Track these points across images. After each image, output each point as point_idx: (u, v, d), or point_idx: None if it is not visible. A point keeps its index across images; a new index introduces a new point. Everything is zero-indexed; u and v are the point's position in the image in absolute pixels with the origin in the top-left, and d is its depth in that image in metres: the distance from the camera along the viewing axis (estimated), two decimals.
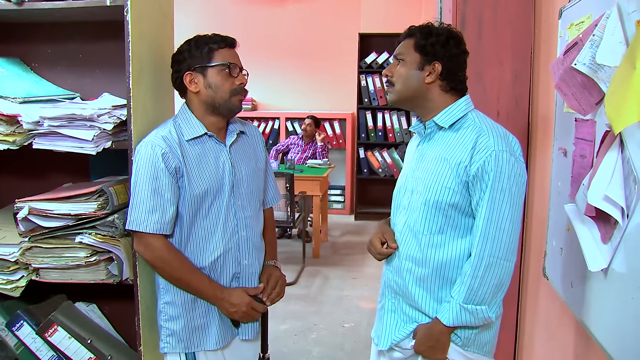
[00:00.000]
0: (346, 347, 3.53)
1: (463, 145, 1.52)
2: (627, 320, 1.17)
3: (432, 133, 1.62)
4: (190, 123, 1.73)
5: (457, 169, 1.51)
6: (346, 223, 6.89)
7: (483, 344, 1.59)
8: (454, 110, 1.58)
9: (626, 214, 1.15)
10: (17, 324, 1.90)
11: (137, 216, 1.65)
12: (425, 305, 1.59)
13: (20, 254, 1.78)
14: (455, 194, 1.52)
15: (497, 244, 1.48)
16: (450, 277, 1.56)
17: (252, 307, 1.76)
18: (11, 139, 1.73)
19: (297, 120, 7.21)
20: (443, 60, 1.57)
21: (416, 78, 1.59)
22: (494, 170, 1.47)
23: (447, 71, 1.57)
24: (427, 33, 1.58)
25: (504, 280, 1.51)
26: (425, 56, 1.57)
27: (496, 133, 1.52)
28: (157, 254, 1.67)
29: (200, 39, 1.72)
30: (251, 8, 7.43)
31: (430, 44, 1.57)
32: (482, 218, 1.48)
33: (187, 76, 1.71)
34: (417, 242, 1.59)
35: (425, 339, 1.57)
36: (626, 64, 1.10)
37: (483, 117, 1.58)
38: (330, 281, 4.81)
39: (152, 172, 1.64)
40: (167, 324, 1.75)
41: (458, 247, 1.55)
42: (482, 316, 1.51)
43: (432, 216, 1.56)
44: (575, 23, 1.57)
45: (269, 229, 1.97)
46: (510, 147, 1.50)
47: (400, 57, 1.61)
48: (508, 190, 1.47)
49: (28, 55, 2.09)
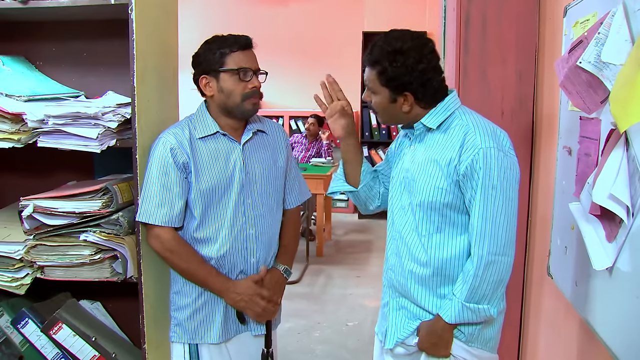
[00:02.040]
0: (350, 346, 3.53)
1: (451, 145, 1.53)
2: (632, 319, 1.17)
3: (422, 134, 1.62)
4: (205, 121, 1.76)
5: (447, 169, 1.52)
6: (350, 221, 6.89)
7: (487, 340, 1.60)
8: (440, 111, 1.58)
9: (631, 212, 1.15)
10: (22, 321, 1.91)
11: (147, 209, 1.70)
12: (427, 302, 1.60)
13: (25, 251, 1.78)
14: (448, 193, 1.53)
15: (495, 241, 1.48)
16: (451, 274, 1.57)
17: (257, 293, 1.76)
18: (16, 137, 1.74)
19: (301, 118, 7.21)
20: (412, 88, 1.54)
21: (393, 109, 1.59)
22: (483, 168, 1.47)
23: (421, 94, 1.55)
24: (387, 63, 1.52)
25: (504, 276, 1.52)
26: (394, 90, 1.55)
27: (483, 130, 1.51)
28: (166, 245, 1.72)
29: (214, 42, 1.73)
30: (255, 7, 7.44)
31: (394, 76, 1.52)
32: (477, 216, 1.49)
33: (202, 79, 1.74)
34: (420, 242, 1.59)
35: (428, 335, 1.58)
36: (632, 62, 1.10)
37: (470, 114, 1.58)
38: (334, 279, 4.81)
39: (161, 167, 1.69)
40: (175, 314, 1.82)
41: (458, 244, 1.56)
42: (484, 314, 1.52)
43: (429, 217, 1.57)
44: (581, 21, 1.56)
45: (288, 231, 1.95)
46: (498, 143, 1.50)
47: (370, 89, 1.60)
48: (499, 186, 1.47)
49: (33, 54, 2.10)
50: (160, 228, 1.71)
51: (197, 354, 1.80)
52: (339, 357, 3.41)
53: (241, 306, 1.78)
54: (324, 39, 7.35)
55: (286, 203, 1.95)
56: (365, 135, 7.00)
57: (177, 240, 1.73)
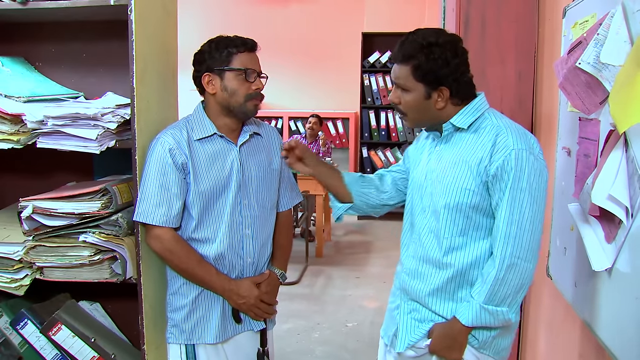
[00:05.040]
0: (349, 347, 3.53)
1: (482, 145, 1.49)
2: (631, 320, 1.17)
3: (450, 135, 1.57)
4: (202, 123, 1.77)
5: (477, 169, 1.48)
6: (349, 222, 6.88)
7: (500, 349, 1.56)
8: (470, 111, 1.54)
9: (630, 213, 1.15)
10: (21, 322, 1.90)
11: (145, 209, 1.70)
12: (442, 308, 1.56)
13: (25, 252, 1.78)
14: (476, 195, 1.49)
15: (519, 245, 1.44)
16: (470, 279, 1.54)
17: (260, 299, 1.80)
18: (15, 138, 1.74)
19: (300, 119, 7.21)
20: (449, 82, 1.50)
21: (427, 106, 1.53)
22: (514, 169, 1.43)
23: (455, 89, 1.51)
24: (424, 57, 1.48)
25: (525, 282, 1.47)
26: (430, 85, 1.50)
27: (515, 132, 1.48)
28: (165, 245, 1.72)
29: (222, 41, 1.74)
30: (254, 7, 7.44)
31: (430, 69, 1.48)
32: (503, 218, 1.45)
33: (205, 77, 1.74)
34: (439, 245, 1.55)
35: (442, 337, 1.55)
36: (631, 63, 1.10)
37: (500, 116, 1.55)
38: (334, 280, 4.81)
39: (160, 168, 1.69)
40: (171, 315, 1.82)
41: (480, 248, 1.52)
42: (503, 317, 1.48)
43: (453, 219, 1.53)
44: (580, 22, 1.56)
45: (281, 233, 1.96)
46: (529, 146, 1.46)
47: (402, 87, 1.54)
48: (528, 190, 1.43)
49: (32, 55, 2.10)
50: (159, 228, 1.71)
51: (194, 354, 1.80)
52: (339, 358, 3.41)
53: (243, 309, 1.80)
54: (324, 40, 7.35)
55: (279, 205, 1.96)
56: (365, 136, 7.00)
57: (176, 240, 1.74)
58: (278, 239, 1.95)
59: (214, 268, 1.76)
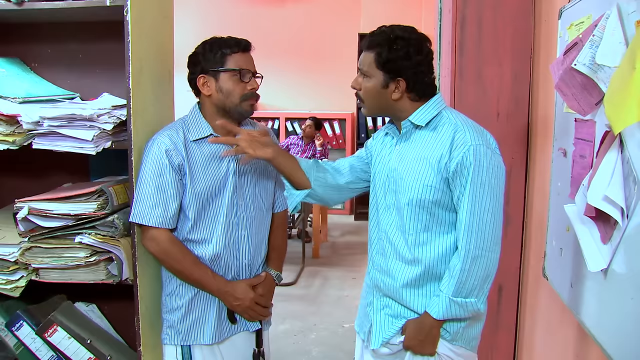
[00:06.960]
0: (346, 347, 3.53)
1: (441, 142, 1.54)
2: (627, 321, 1.17)
3: (409, 133, 1.62)
4: (198, 124, 1.77)
5: (437, 166, 1.53)
6: (346, 223, 6.89)
7: (470, 339, 1.61)
8: (427, 109, 1.59)
9: (626, 214, 1.15)
10: (16, 324, 1.90)
11: (141, 210, 1.69)
12: (414, 302, 1.60)
13: (20, 254, 1.78)
14: (437, 191, 1.54)
15: (482, 237, 1.50)
16: (438, 273, 1.58)
17: (256, 301, 1.80)
18: (11, 139, 1.73)
19: (297, 120, 7.22)
20: (407, 75, 1.55)
21: (383, 95, 1.59)
22: (473, 164, 1.48)
23: (412, 83, 1.57)
24: (387, 47, 1.54)
25: (490, 271, 1.53)
26: (388, 73, 1.55)
27: (472, 128, 1.54)
28: (162, 246, 1.72)
29: (215, 42, 1.74)
30: (251, 8, 7.44)
31: (391, 59, 1.53)
32: (465, 212, 1.50)
33: (200, 79, 1.74)
34: (405, 241, 1.59)
35: (415, 333, 1.58)
36: (626, 64, 1.10)
37: (457, 114, 1.60)
38: (330, 281, 4.81)
39: (156, 169, 1.69)
40: (166, 316, 1.82)
41: (445, 243, 1.57)
42: (472, 308, 1.53)
43: (416, 215, 1.57)
44: (575, 23, 1.57)
45: (276, 234, 1.97)
46: (486, 141, 1.52)
47: (364, 73, 1.59)
48: (488, 183, 1.49)
49: (28, 55, 2.09)
50: (156, 230, 1.71)
51: (189, 355, 1.80)
52: (335, 359, 3.41)
53: (238, 311, 1.80)
54: (320, 40, 7.36)
55: (275, 206, 1.96)
56: (362, 137, 7.01)
57: (172, 241, 1.73)
58: (273, 240, 1.95)
59: (209, 269, 1.76)
